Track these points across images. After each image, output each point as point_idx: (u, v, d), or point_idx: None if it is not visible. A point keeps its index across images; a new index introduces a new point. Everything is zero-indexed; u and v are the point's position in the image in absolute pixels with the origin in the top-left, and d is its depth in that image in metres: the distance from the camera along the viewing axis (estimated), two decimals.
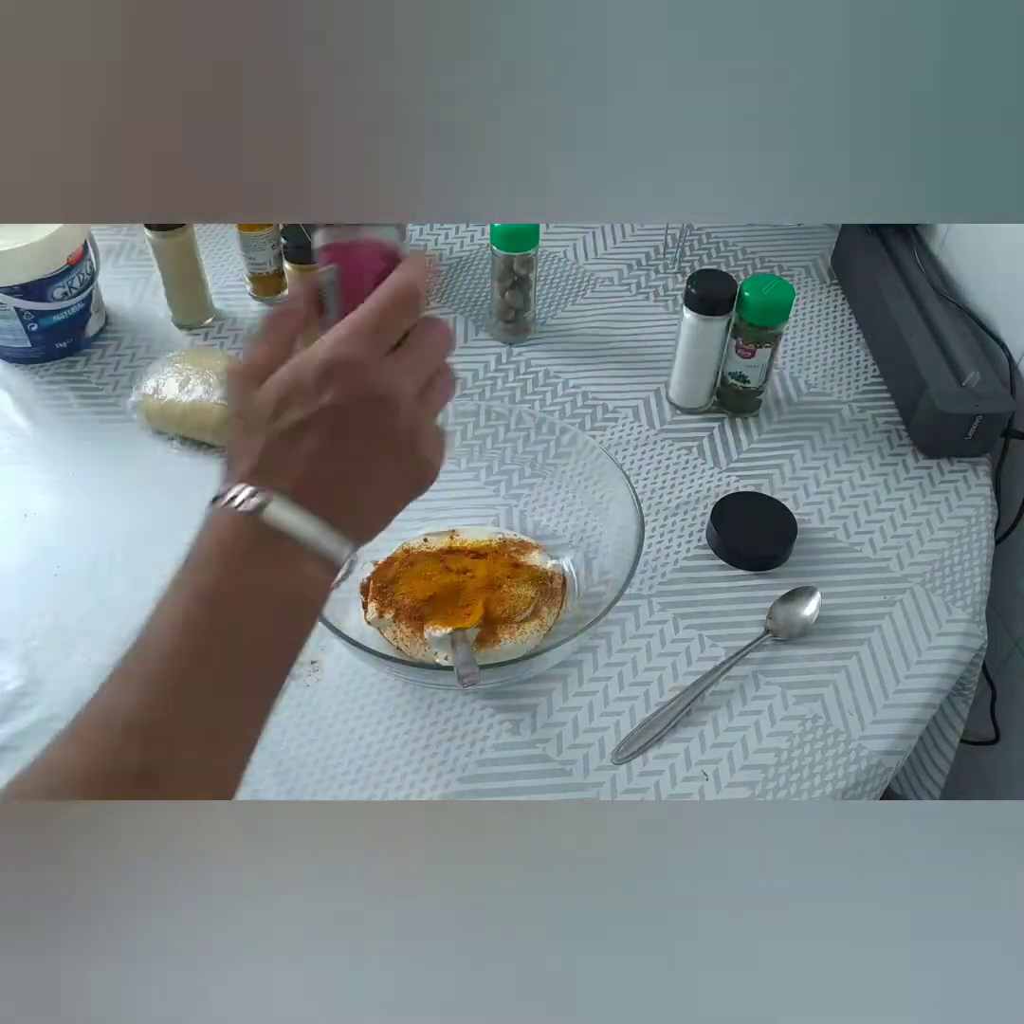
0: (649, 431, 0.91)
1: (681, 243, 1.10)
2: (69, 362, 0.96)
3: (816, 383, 0.95)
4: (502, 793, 0.66)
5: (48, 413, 0.92)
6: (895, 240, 1.01)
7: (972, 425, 0.84)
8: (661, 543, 0.81)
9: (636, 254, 1.10)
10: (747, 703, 0.71)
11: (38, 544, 0.80)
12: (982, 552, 0.81)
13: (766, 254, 1.10)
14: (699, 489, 0.86)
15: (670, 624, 0.75)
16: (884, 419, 0.92)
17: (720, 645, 0.74)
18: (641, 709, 0.70)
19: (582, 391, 0.94)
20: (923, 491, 0.86)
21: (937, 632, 0.75)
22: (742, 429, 0.91)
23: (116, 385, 0.94)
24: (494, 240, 0.92)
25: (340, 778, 0.66)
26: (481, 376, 0.96)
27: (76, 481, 0.85)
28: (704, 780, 0.67)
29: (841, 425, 0.91)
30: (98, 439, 0.89)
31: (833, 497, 0.85)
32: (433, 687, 0.71)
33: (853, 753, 0.68)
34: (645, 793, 0.66)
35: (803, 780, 0.67)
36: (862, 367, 0.97)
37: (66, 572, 0.78)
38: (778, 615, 0.75)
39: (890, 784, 0.70)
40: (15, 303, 0.90)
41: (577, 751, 0.68)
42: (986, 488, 0.86)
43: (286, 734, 0.68)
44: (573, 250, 1.10)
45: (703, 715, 0.70)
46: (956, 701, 0.80)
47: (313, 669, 0.72)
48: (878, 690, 0.71)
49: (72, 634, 0.74)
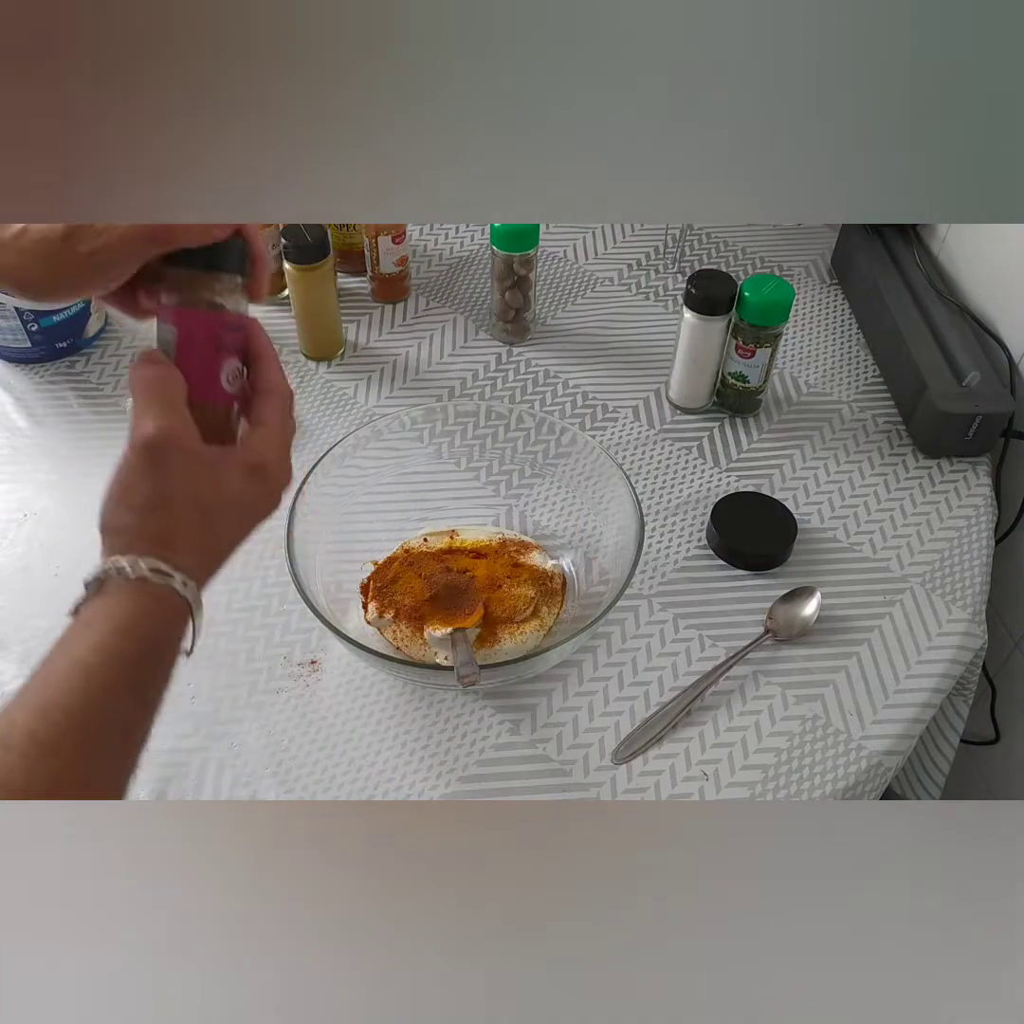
0: (649, 431, 0.91)
1: (681, 243, 1.10)
2: (69, 362, 0.96)
3: (816, 383, 0.95)
4: (502, 793, 0.66)
5: (48, 413, 0.92)
6: (895, 240, 1.01)
7: (972, 425, 0.84)
8: (661, 543, 0.81)
9: (636, 254, 1.10)
10: (747, 703, 0.71)
11: (38, 544, 0.80)
12: (982, 552, 0.81)
13: (766, 254, 1.10)
14: (699, 489, 0.86)
15: (670, 624, 0.75)
16: (884, 419, 0.92)
17: (720, 645, 0.74)
18: (641, 709, 0.70)
19: (582, 391, 0.94)
20: (923, 491, 0.86)
21: (937, 632, 0.75)
22: (742, 429, 0.91)
23: (116, 385, 0.94)
24: (494, 240, 0.92)
25: (340, 778, 0.66)
26: (481, 376, 0.96)
27: (76, 481, 0.85)
28: (704, 780, 0.67)
29: (841, 425, 0.91)
30: (98, 439, 0.89)
31: (833, 497, 0.85)
32: (433, 687, 0.71)
33: (853, 753, 0.68)
34: (645, 793, 0.66)
35: (803, 780, 0.67)
36: (862, 367, 0.97)
37: (66, 572, 0.78)
38: (778, 615, 0.75)
39: (890, 784, 0.70)
40: (15, 303, 0.90)
41: (577, 751, 0.68)
42: (986, 488, 0.86)
43: (286, 734, 0.68)
44: (573, 250, 1.10)
45: (703, 715, 0.70)
46: (956, 701, 0.80)
47: (313, 669, 0.72)
48: (878, 690, 0.71)
49: None
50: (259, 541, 0.81)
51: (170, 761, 0.67)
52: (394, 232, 0.98)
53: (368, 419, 0.90)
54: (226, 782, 0.66)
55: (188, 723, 0.69)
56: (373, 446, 0.78)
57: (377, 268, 1.00)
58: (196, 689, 0.71)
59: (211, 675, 0.72)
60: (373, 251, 0.99)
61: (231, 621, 0.75)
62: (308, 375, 0.96)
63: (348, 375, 0.96)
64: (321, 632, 0.73)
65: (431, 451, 0.82)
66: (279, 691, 0.71)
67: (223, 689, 0.71)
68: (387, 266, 1.00)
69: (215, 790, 0.65)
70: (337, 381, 0.95)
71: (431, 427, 0.81)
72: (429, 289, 1.05)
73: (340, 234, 1.03)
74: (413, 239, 1.06)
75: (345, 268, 1.05)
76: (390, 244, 0.98)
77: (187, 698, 0.70)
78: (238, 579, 0.78)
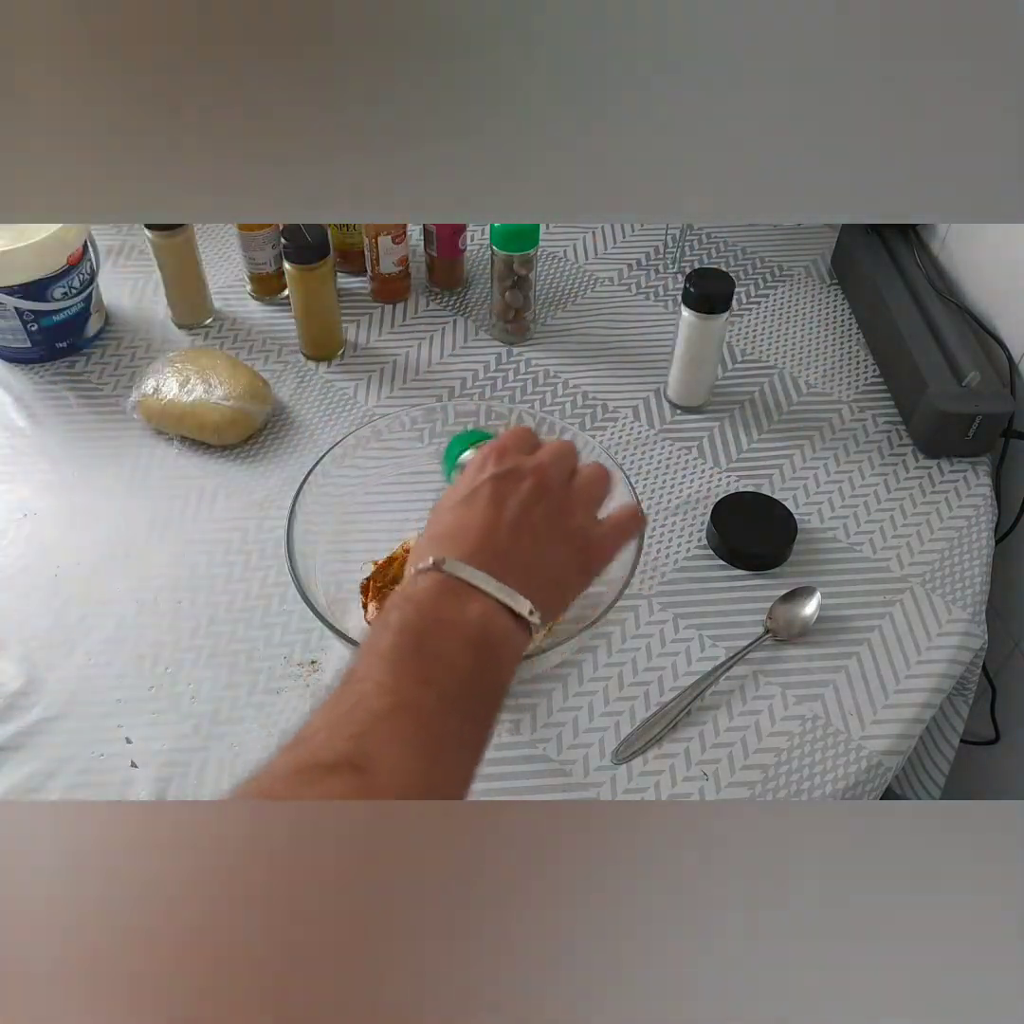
0: (649, 431, 0.91)
1: (681, 243, 1.10)
2: (69, 362, 0.96)
3: (816, 383, 0.95)
4: (502, 793, 0.66)
5: (48, 413, 0.92)
6: (895, 240, 1.01)
7: (972, 425, 0.84)
8: (661, 543, 0.81)
9: (636, 254, 1.10)
10: (747, 703, 0.71)
11: (38, 544, 0.80)
12: (982, 552, 0.81)
13: (766, 254, 1.10)
14: (699, 489, 0.86)
15: (670, 624, 0.75)
16: (884, 419, 0.92)
17: (720, 645, 0.74)
18: (641, 709, 0.70)
19: (582, 391, 0.94)
20: (923, 491, 0.85)
21: (937, 632, 0.75)
22: (742, 429, 0.91)
23: (116, 385, 0.94)
24: (494, 240, 0.92)
25: None
26: (481, 376, 0.96)
27: (76, 481, 0.85)
28: (704, 780, 0.67)
29: (841, 425, 0.91)
30: (98, 439, 0.89)
31: (833, 497, 0.85)
32: None
33: (853, 753, 0.68)
34: (645, 793, 0.66)
35: (803, 780, 0.67)
36: (862, 367, 0.97)
37: (66, 572, 0.78)
38: (778, 615, 0.75)
39: (890, 784, 0.70)
40: (15, 303, 0.90)
41: (577, 751, 0.68)
42: (986, 488, 0.86)
43: (286, 734, 0.68)
44: (573, 250, 1.10)
45: (703, 715, 0.70)
46: (956, 701, 0.80)
47: (313, 669, 0.72)
48: (878, 690, 0.71)
49: (72, 634, 0.74)
50: (259, 541, 0.81)
51: (170, 761, 0.67)
52: (394, 232, 0.98)
53: (368, 419, 0.90)
54: (226, 782, 0.66)
55: (188, 723, 0.69)
56: (373, 446, 0.78)
57: (377, 268, 1.00)
58: (196, 689, 0.71)
59: (211, 675, 0.72)
60: (373, 251, 0.99)
61: (231, 621, 0.75)
62: (308, 375, 0.96)
63: (348, 375, 0.96)
64: (321, 632, 0.73)
65: (431, 451, 0.82)
66: (279, 691, 0.71)
67: (223, 689, 0.71)
68: (387, 266, 1.00)
69: (215, 790, 0.65)
70: (337, 381, 0.95)
71: (431, 427, 0.81)
72: (429, 289, 1.05)
73: (340, 234, 1.03)
74: (413, 239, 1.06)
75: (345, 268, 1.05)
76: (390, 244, 0.98)
77: (187, 698, 0.70)
78: (238, 579, 0.78)
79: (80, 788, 0.65)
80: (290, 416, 0.92)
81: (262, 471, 0.87)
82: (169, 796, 0.65)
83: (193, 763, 0.67)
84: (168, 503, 0.84)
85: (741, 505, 0.82)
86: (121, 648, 0.73)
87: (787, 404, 0.93)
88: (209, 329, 1.00)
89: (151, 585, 0.78)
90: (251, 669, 0.72)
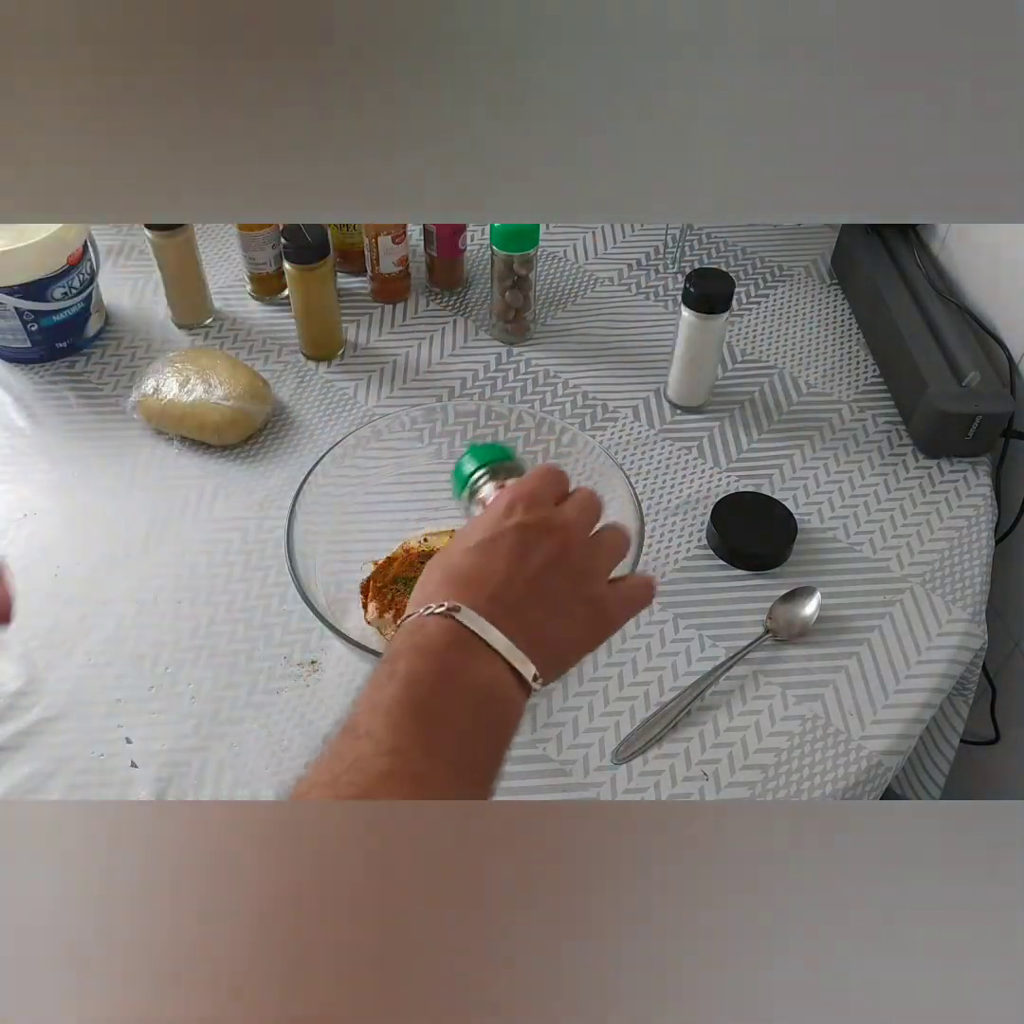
0: (649, 431, 0.91)
1: (681, 243, 1.10)
2: (69, 362, 0.96)
3: (816, 383, 0.95)
4: (502, 793, 0.65)
5: (48, 413, 0.92)
6: (895, 240, 1.01)
7: (972, 425, 0.84)
8: (661, 543, 0.81)
9: (636, 254, 1.10)
10: (747, 703, 0.71)
11: (38, 544, 0.80)
12: (982, 552, 0.81)
13: (766, 254, 1.10)
14: (699, 489, 0.86)
15: (670, 624, 0.75)
16: (884, 419, 0.92)
17: (720, 645, 0.74)
18: (641, 709, 0.70)
19: (582, 391, 0.94)
20: (923, 491, 0.85)
21: (937, 632, 0.75)
22: (742, 429, 0.91)
23: (116, 385, 0.94)
24: (494, 240, 0.92)
25: None
26: (481, 376, 0.96)
27: (76, 481, 0.85)
28: (704, 780, 0.67)
29: (841, 425, 0.91)
30: (98, 439, 0.89)
31: (833, 497, 0.85)
32: None
33: (853, 753, 0.68)
34: (645, 793, 0.66)
35: (803, 780, 0.67)
36: (862, 367, 0.97)
37: (66, 572, 0.78)
38: (778, 615, 0.75)
39: (890, 784, 0.70)
40: (15, 303, 0.90)
41: (577, 751, 0.68)
42: (986, 488, 0.86)
43: (286, 734, 0.68)
44: (573, 250, 1.10)
45: (703, 715, 0.70)
46: (956, 701, 0.80)
47: (313, 669, 0.72)
48: (878, 690, 0.71)
49: (72, 634, 0.74)
50: (259, 541, 0.81)
51: (170, 761, 0.67)
52: (394, 232, 0.98)
53: (368, 419, 0.90)
54: (226, 782, 0.66)
55: (188, 723, 0.69)
56: (373, 446, 0.78)
57: (377, 268, 1.00)
58: (196, 689, 0.71)
59: (211, 675, 0.72)
60: (373, 251, 0.99)
61: (231, 621, 0.75)
62: (308, 375, 0.96)
63: (348, 375, 0.96)
64: (321, 632, 0.73)
65: (431, 451, 0.82)
66: (279, 691, 0.71)
67: (223, 689, 0.71)
68: (387, 266, 1.00)
69: (215, 790, 0.65)
70: (337, 381, 0.95)
71: (431, 427, 0.81)
72: (429, 289, 1.05)
73: (340, 234, 1.03)
74: (413, 239, 1.06)
75: (345, 268, 1.05)
76: (390, 244, 0.98)
77: (187, 698, 0.70)
78: (238, 579, 0.78)
79: (80, 788, 0.65)
80: (290, 416, 0.92)
81: (262, 471, 0.87)
82: (169, 796, 0.65)
83: (193, 763, 0.67)
84: (168, 503, 0.84)
85: (741, 505, 0.82)
86: (121, 648, 0.73)
87: (787, 404, 0.93)
88: (209, 329, 1.00)
89: (151, 585, 0.78)
90: (251, 669, 0.72)
